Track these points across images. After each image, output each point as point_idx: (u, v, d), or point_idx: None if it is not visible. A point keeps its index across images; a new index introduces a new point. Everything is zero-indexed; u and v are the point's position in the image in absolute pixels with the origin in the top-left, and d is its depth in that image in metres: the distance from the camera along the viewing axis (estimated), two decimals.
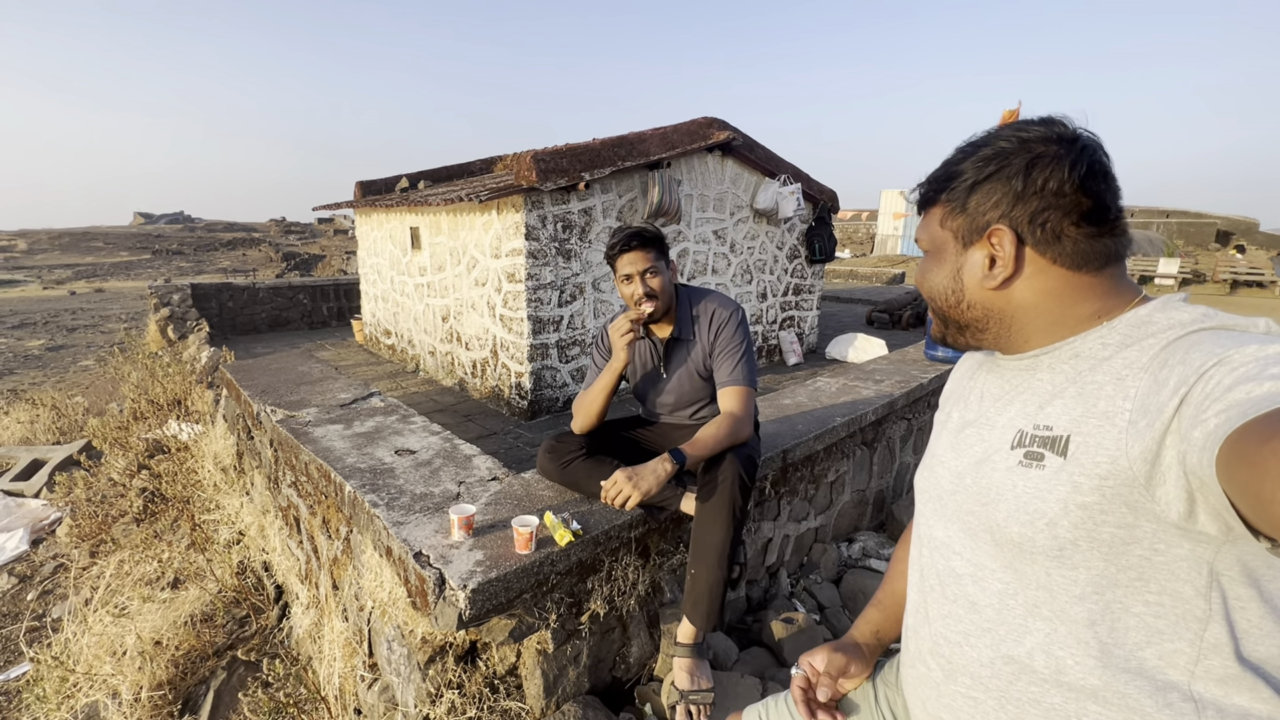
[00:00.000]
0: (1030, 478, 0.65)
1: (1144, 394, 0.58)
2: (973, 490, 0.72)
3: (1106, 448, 0.60)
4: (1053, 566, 0.63)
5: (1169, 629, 0.59)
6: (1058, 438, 0.65)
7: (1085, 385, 0.65)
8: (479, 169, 7.54)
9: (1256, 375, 0.48)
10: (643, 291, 1.72)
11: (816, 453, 2.48)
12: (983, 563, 0.71)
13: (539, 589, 1.53)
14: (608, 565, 1.71)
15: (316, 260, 21.53)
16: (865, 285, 12.97)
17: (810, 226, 6.40)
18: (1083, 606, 0.62)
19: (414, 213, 5.84)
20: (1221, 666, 0.58)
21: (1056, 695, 0.65)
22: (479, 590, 1.38)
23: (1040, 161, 0.67)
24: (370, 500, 1.76)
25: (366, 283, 7.32)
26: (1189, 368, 0.55)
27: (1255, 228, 21.40)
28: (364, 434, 2.33)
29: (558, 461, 1.82)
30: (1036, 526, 0.63)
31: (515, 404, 4.72)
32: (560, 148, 4.33)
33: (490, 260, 4.72)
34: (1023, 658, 0.67)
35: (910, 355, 3.94)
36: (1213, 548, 0.56)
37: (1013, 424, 0.71)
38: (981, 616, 0.71)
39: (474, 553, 1.50)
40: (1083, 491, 0.60)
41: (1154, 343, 0.62)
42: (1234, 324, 0.59)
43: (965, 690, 0.73)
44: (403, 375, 6.03)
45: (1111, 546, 0.60)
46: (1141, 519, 0.58)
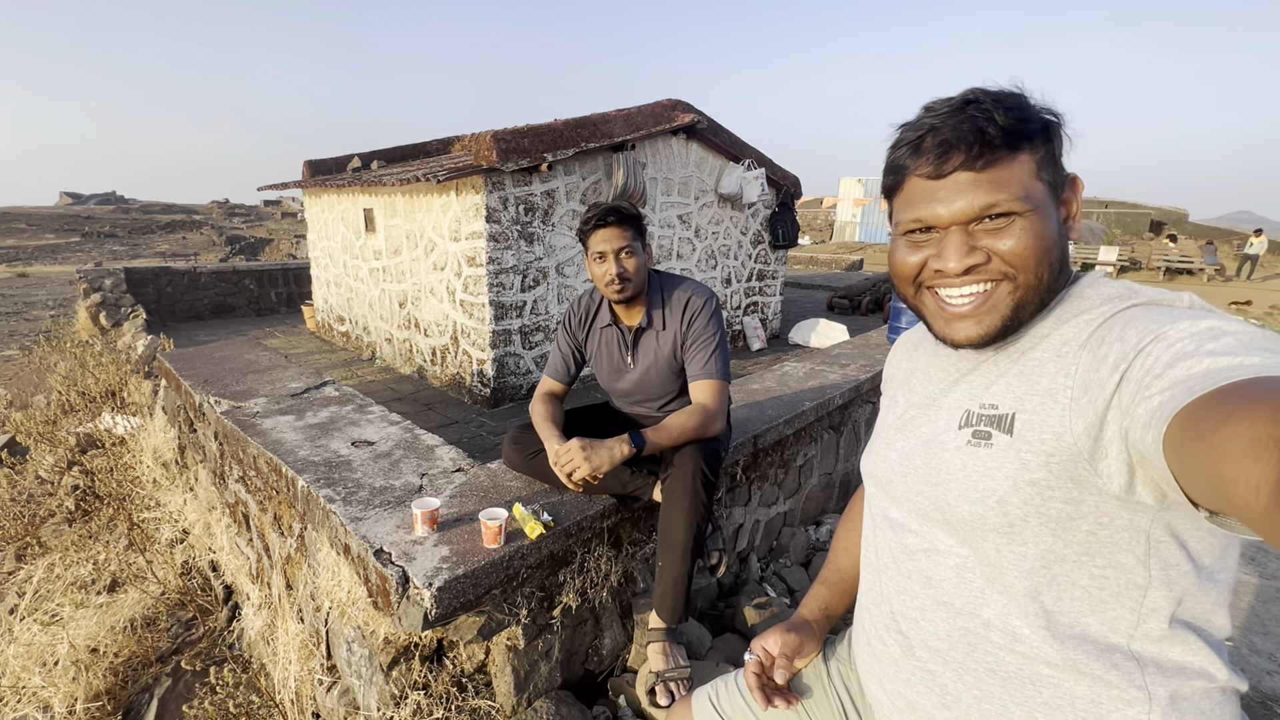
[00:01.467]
0: (979, 456, 0.66)
1: (1085, 371, 0.60)
2: (923, 471, 0.72)
3: (1051, 424, 0.60)
4: (1003, 543, 0.64)
5: (1112, 598, 0.61)
6: (1004, 416, 0.65)
7: (1027, 364, 0.66)
8: (435, 149, 7.28)
9: (1194, 352, 0.49)
10: (616, 272, 1.63)
11: (786, 437, 2.47)
12: (937, 539, 0.71)
13: (509, 584, 1.47)
14: (580, 557, 1.66)
15: (264, 244, 20.59)
16: (826, 272, 13.16)
17: (773, 212, 6.41)
18: (1029, 581, 0.63)
19: (367, 194, 5.59)
20: (1158, 628, 0.61)
21: (1012, 662, 0.66)
22: (446, 588, 1.31)
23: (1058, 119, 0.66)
24: (325, 495, 1.66)
25: (318, 267, 7.02)
26: (1126, 344, 0.56)
27: (1185, 218, 22.61)
28: (318, 425, 2.20)
29: (524, 453, 1.75)
30: (987, 504, 0.64)
31: (477, 392, 4.60)
32: (521, 128, 4.19)
33: (449, 243, 4.56)
34: (979, 629, 0.68)
35: (873, 339, 3.99)
36: (1148, 516, 0.58)
37: (959, 404, 0.71)
38: (938, 590, 0.71)
39: (439, 548, 1.43)
40: (1030, 468, 0.61)
41: (1089, 319, 0.63)
42: (1161, 299, 0.61)
43: (923, 664, 0.73)
44: (358, 363, 5.82)
45: (1059, 522, 0.61)
46: (1086, 493, 0.59)
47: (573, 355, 1.85)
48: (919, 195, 0.67)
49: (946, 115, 0.65)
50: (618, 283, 1.64)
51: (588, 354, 1.86)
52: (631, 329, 1.77)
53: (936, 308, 0.70)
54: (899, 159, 0.69)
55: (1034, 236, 0.64)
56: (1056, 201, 0.66)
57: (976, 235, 0.65)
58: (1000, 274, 0.65)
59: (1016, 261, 0.64)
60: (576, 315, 1.85)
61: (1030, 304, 0.66)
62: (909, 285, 0.72)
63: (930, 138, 0.65)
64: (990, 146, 0.62)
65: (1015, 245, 0.64)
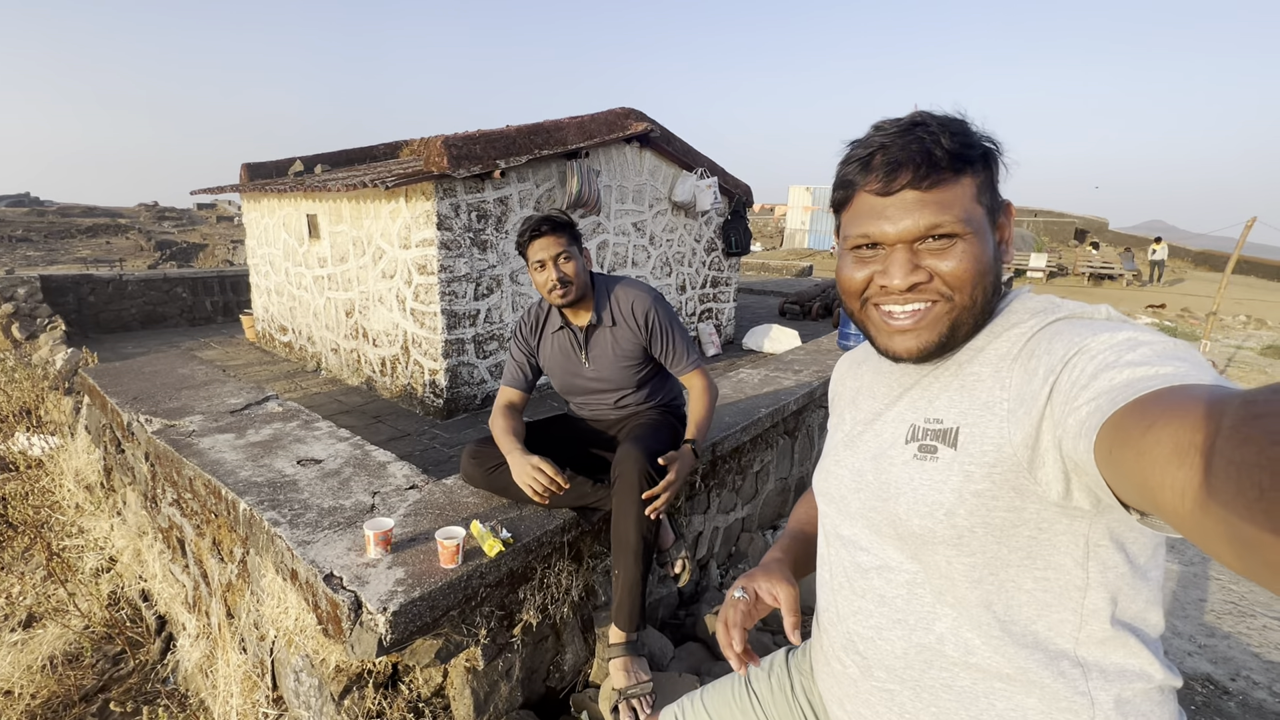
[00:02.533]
0: (926, 470, 0.67)
1: (1018, 384, 0.62)
2: (874, 487, 0.73)
3: (991, 436, 0.63)
4: (952, 554, 0.66)
5: (1055, 600, 0.63)
6: (948, 430, 0.67)
7: (966, 378, 0.68)
8: (383, 154, 7.09)
9: (1115, 363, 0.52)
10: (556, 277, 1.68)
11: (744, 444, 2.51)
12: (888, 555, 0.72)
13: (467, 604, 1.43)
14: (540, 573, 1.63)
15: (197, 250, 19.55)
16: (777, 278, 13.45)
17: (726, 220, 6.51)
18: (980, 589, 0.65)
19: (311, 199, 5.40)
20: (1100, 629, 0.63)
21: (966, 678, 0.67)
22: (401, 612, 1.26)
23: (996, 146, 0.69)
24: (270, 518, 1.58)
25: (257, 274, 6.72)
26: (1054, 357, 0.58)
27: (1105, 226, 24.16)
28: (260, 443, 2.10)
29: (483, 467, 1.72)
30: (936, 517, 0.65)
31: (430, 403, 4.48)
32: (473, 133, 4.13)
33: (399, 251, 4.45)
34: (934, 644, 0.69)
35: (824, 345, 4.09)
36: (1086, 521, 0.61)
37: (904, 419, 0.73)
38: (891, 609, 0.72)
39: (394, 570, 1.38)
40: (974, 480, 0.63)
41: (1018, 333, 0.66)
42: (1082, 312, 0.64)
43: (881, 684, 0.74)
44: (302, 375, 5.59)
45: (1003, 530, 0.63)
46: (1027, 501, 0.61)
47: (527, 362, 1.86)
48: (867, 211, 0.69)
49: (895, 135, 0.66)
50: (560, 287, 1.69)
51: (541, 359, 1.87)
52: (583, 328, 1.81)
53: (880, 322, 0.72)
54: (849, 175, 0.70)
55: (973, 259, 0.66)
56: (993, 226, 0.69)
57: (920, 254, 0.67)
58: (938, 294, 0.68)
59: (955, 283, 0.67)
60: (528, 323, 1.88)
61: (965, 323, 0.68)
62: (855, 300, 0.74)
63: (880, 155, 0.66)
64: (937, 168, 0.64)
65: (955, 267, 0.66)
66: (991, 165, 0.68)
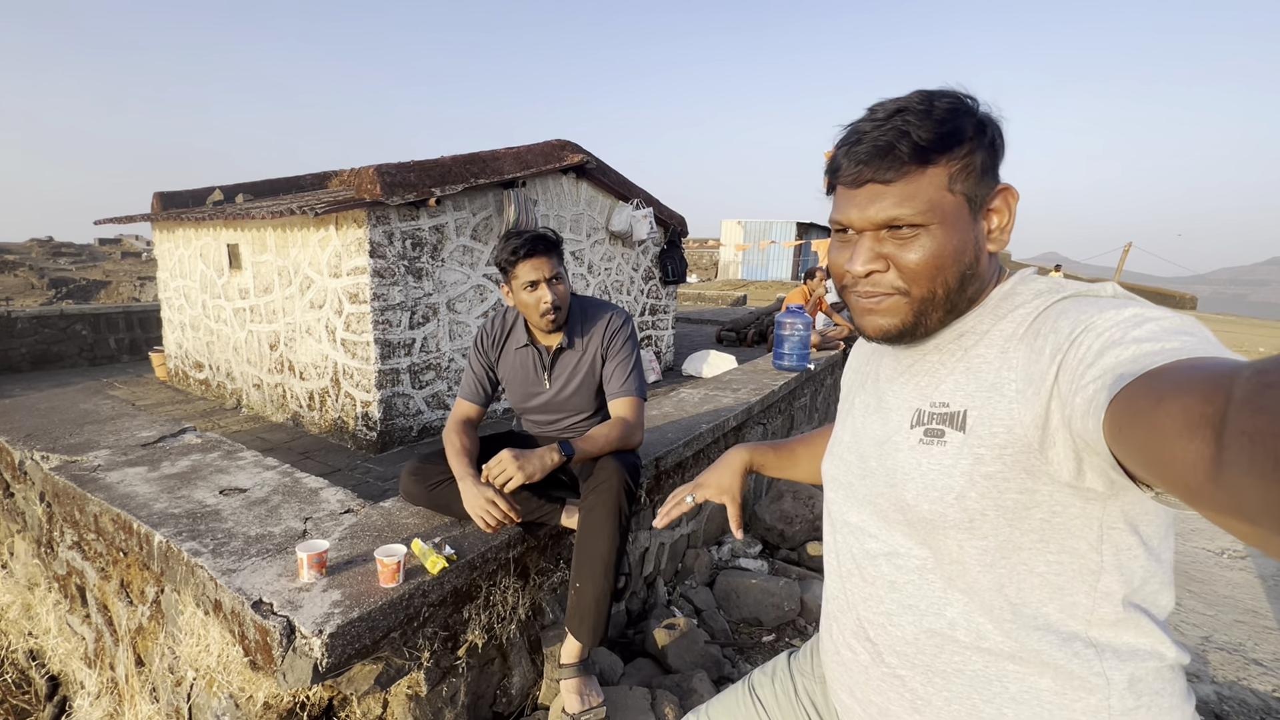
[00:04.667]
0: (933, 454, 0.67)
1: (1025, 364, 0.61)
2: (879, 473, 0.73)
3: (1001, 418, 0.62)
4: (964, 538, 0.65)
5: (1067, 584, 0.63)
6: (955, 413, 0.66)
7: (972, 360, 0.68)
8: (310, 183, 6.89)
9: (1121, 339, 0.52)
10: (551, 300, 1.63)
11: (686, 459, 2.54)
12: (897, 542, 0.72)
13: (409, 625, 1.38)
14: (485, 590, 1.59)
15: (98, 287, 18.15)
16: (713, 307, 13.81)
17: (663, 249, 6.68)
18: (993, 573, 0.65)
19: (232, 228, 5.17)
20: (1112, 611, 0.63)
21: (978, 661, 0.67)
22: (339, 634, 1.20)
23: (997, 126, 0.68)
24: (189, 549, 1.48)
25: (170, 309, 6.32)
26: (1060, 335, 0.58)
27: (1009, 257, 26.30)
28: (177, 475, 1.96)
29: (425, 484, 1.67)
30: (946, 501, 0.65)
31: (362, 436, 4.31)
32: (408, 162, 4.10)
33: (329, 280, 4.31)
34: (945, 629, 0.68)
35: (760, 366, 4.23)
36: (1100, 504, 0.60)
37: (909, 404, 0.73)
38: (902, 594, 0.72)
39: (330, 593, 1.31)
40: (985, 462, 0.63)
41: (1024, 313, 0.66)
42: (1088, 290, 0.64)
43: (893, 670, 0.73)
44: (220, 413, 5.26)
45: (1014, 512, 0.62)
46: (1039, 483, 0.61)
47: (486, 375, 1.81)
48: (842, 199, 0.70)
49: (879, 121, 0.66)
50: (552, 310, 1.65)
51: (501, 374, 1.83)
52: (550, 349, 1.77)
53: (856, 303, 0.73)
54: (835, 160, 0.70)
55: (934, 252, 0.66)
56: (975, 212, 0.67)
57: (884, 242, 0.68)
58: (893, 288, 0.68)
59: (911, 275, 0.67)
60: (489, 335, 1.82)
61: (933, 312, 0.68)
62: (839, 283, 0.75)
63: (856, 146, 0.67)
64: (899, 162, 0.64)
65: (914, 259, 0.66)
66: (976, 151, 0.66)
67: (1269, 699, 2.13)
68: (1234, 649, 2.42)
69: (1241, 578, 3.01)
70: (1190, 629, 2.55)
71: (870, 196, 0.67)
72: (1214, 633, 2.53)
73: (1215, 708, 2.07)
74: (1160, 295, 28.74)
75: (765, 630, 2.36)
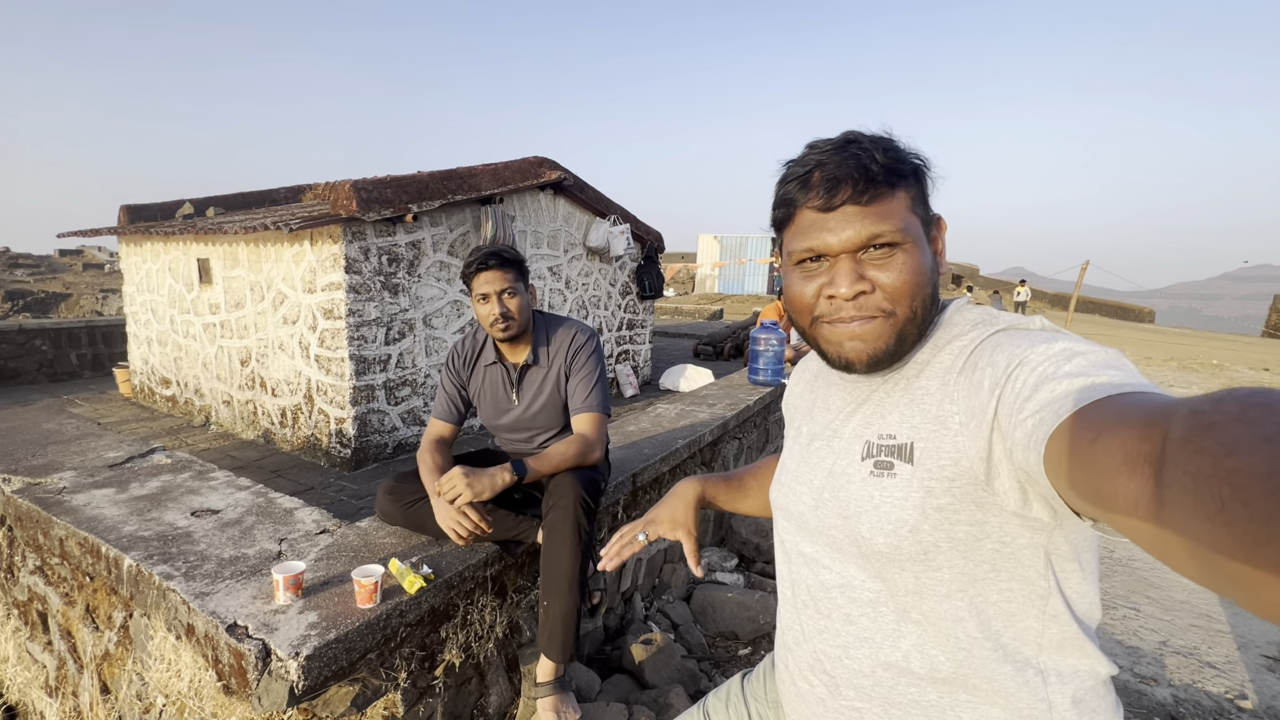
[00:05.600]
0: (885, 487, 0.67)
1: (965, 397, 0.63)
2: (832, 505, 0.73)
3: (948, 450, 0.63)
4: (920, 570, 0.66)
5: (1019, 610, 0.65)
6: (903, 445, 0.67)
7: (915, 392, 0.69)
8: (284, 197, 6.83)
9: (1054, 374, 0.53)
10: (499, 311, 1.68)
11: (663, 474, 2.58)
12: (851, 574, 0.72)
13: (386, 645, 1.38)
14: (463, 609, 1.60)
15: (58, 300, 17.60)
16: (690, 321, 13.92)
17: (639, 265, 6.75)
18: (950, 604, 0.66)
19: (202, 242, 5.09)
20: (1059, 634, 0.65)
21: (932, 693, 0.68)
22: (315, 656, 1.20)
23: (924, 162, 0.71)
24: (161, 572, 1.46)
25: (136, 324, 6.17)
26: (997, 370, 0.60)
27: (977, 272, 27.02)
28: (147, 497, 1.93)
29: (400, 503, 1.68)
30: (901, 535, 0.65)
31: (336, 454, 4.25)
32: (384, 178, 4.10)
33: (303, 295, 4.27)
34: (900, 662, 0.69)
35: (736, 381, 4.30)
36: (1045, 533, 0.62)
37: (858, 435, 0.73)
38: (857, 627, 0.72)
39: (306, 615, 1.31)
40: (935, 495, 0.64)
41: (961, 345, 0.67)
42: (1019, 323, 0.67)
43: (850, 703, 0.73)
44: (188, 431, 5.14)
45: (967, 544, 0.63)
46: (988, 514, 0.62)
47: (458, 394, 1.84)
48: (810, 226, 0.69)
49: (831, 153, 0.68)
50: (501, 322, 1.69)
51: (471, 392, 1.85)
52: (517, 366, 1.81)
53: (830, 334, 0.72)
54: (789, 193, 0.71)
55: (911, 270, 0.67)
56: (928, 237, 0.71)
57: (863, 264, 0.68)
58: (879, 310, 0.69)
59: (895, 294, 0.68)
60: (460, 355, 1.85)
61: (910, 334, 0.69)
62: (806, 317, 0.74)
63: (818, 173, 0.68)
64: (874, 182, 0.66)
65: (895, 278, 0.67)
66: (921, 180, 0.70)
67: (1221, 700, 2.22)
68: (1189, 653, 2.52)
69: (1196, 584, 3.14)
70: (1149, 634, 2.65)
71: (847, 218, 0.67)
72: (1170, 637, 2.63)
73: (1171, 710, 2.16)
74: (1122, 309, 29.80)
75: (741, 644, 2.39)
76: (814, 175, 0.68)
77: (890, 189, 0.67)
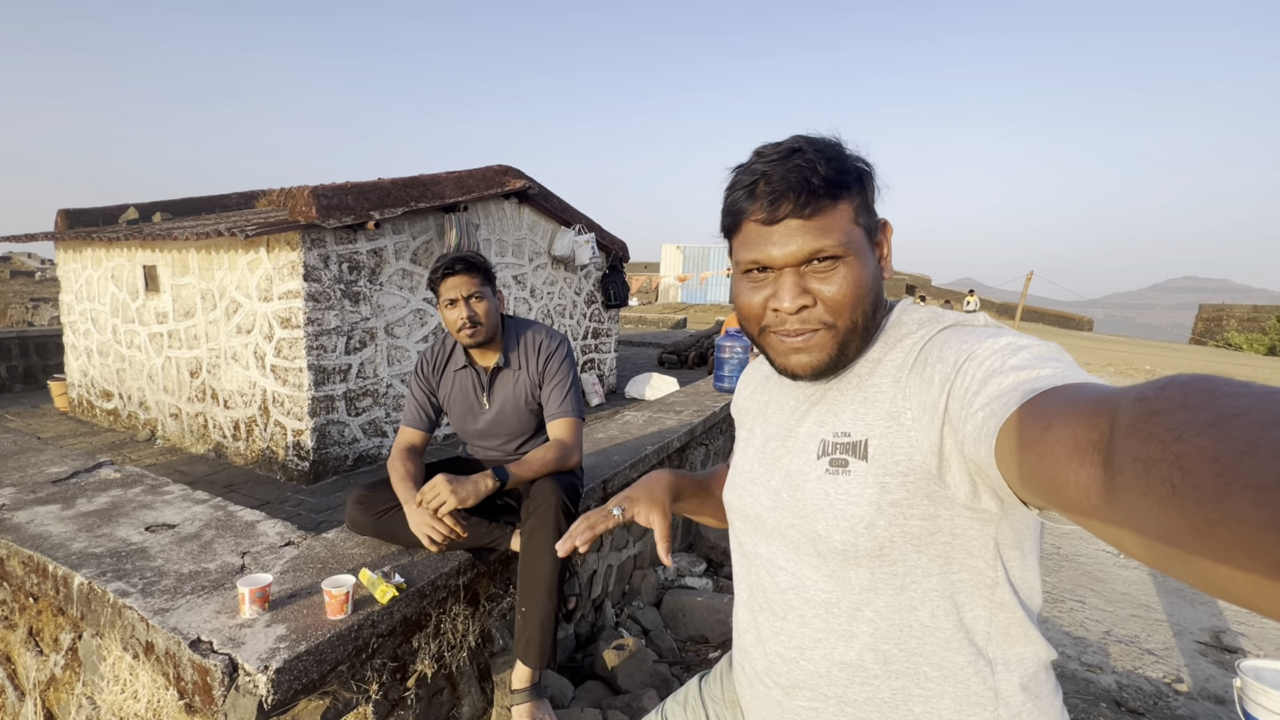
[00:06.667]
0: (840, 484, 0.68)
1: (917, 393, 0.64)
2: (789, 505, 0.73)
3: (901, 446, 0.64)
4: (875, 566, 0.67)
5: (968, 599, 0.66)
6: (857, 442, 0.68)
7: (868, 390, 0.70)
8: (236, 203, 6.61)
9: (1000, 368, 0.55)
10: (466, 316, 1.68)
11: (633, 480, 2.60)
12: (805, 575, 0.72)
13: (358, 657, 1.35)
14: (435, 619, 1.58)
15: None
16: (655, 330, 14.00)
17: (604, 274, 6.78)
18: (904, 596, 0.67)
19: (149, 249, 4.90)
20: (1006, 620, 0.67)
21: (886, 689, 0.69)
22: (285, 669, 1.17)
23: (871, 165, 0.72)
24: (116, 590, 1.40)
25: (75, 334, 5.87)
26: (946, 365, 0.61)
27: (929, 282, 27.99)
28: (96, 512, 1.85)
29: (371, 512, 1.65)
30: (857, 531, 0.66)
31: (293, 467, 4.12)
32: (345, 184, 4.03)
33: (258, 304, 4.15)
34: (854, 660, 0.70)
35: (701, 388, 4.35)
36: (993, 524, 0.64)
37: (813, 434, 0.73)
38: (811, 629, 0.72)
39: (274, 628, 1.28)
40: (890, 490, 0.64)
41: (910, 343, 0.69)
42: (964, 320, 0.69)
43: (807, 703, 0.74)
44: (131, 446, 4.90)
45: (920, 538, 0.65)
46: (940, 508, 0.63)
47: (428, 401, 1.82)
48: (755, 238, 0.70)
49: (776, 163, 0.67)
50: (469, 326, 1.69)
51: (441, 398, 1.84)
52: (487, 370, 1.81)
53: (777, 344, 0.73)
54: (736, 202, 0.71)
55: (852, 283, 0.68)
56: (872, 245, 0.71)
57: (806, 277, 0.69)
58: (820, 323, 0.70)
59: (836, 308, 0.69)
60: (430, 361, 1.85)
61: (851, 343, 0.70)
62: (755, 326, 0.75)
63: (762, 184, 0.68)
64: (816, 195, 0.66)
65: (836, 292, 0.68)
66: (867, 187, 0.70)
67: (1160, 684, 2.35)
68: (1130, 641, 2.66)
69: (1136, 575, 3.32)
70: (1094, 625, 2.79)
71: (790, 232, 0.68)
72: (1114, 627, 2.78)
73: (1116, 695, 2.28)
74: (1064, 318, 31.31)
75: (711, 647, 2.42)
76: (758, 186, 0.68)
77: (833, 201, 0.67)
